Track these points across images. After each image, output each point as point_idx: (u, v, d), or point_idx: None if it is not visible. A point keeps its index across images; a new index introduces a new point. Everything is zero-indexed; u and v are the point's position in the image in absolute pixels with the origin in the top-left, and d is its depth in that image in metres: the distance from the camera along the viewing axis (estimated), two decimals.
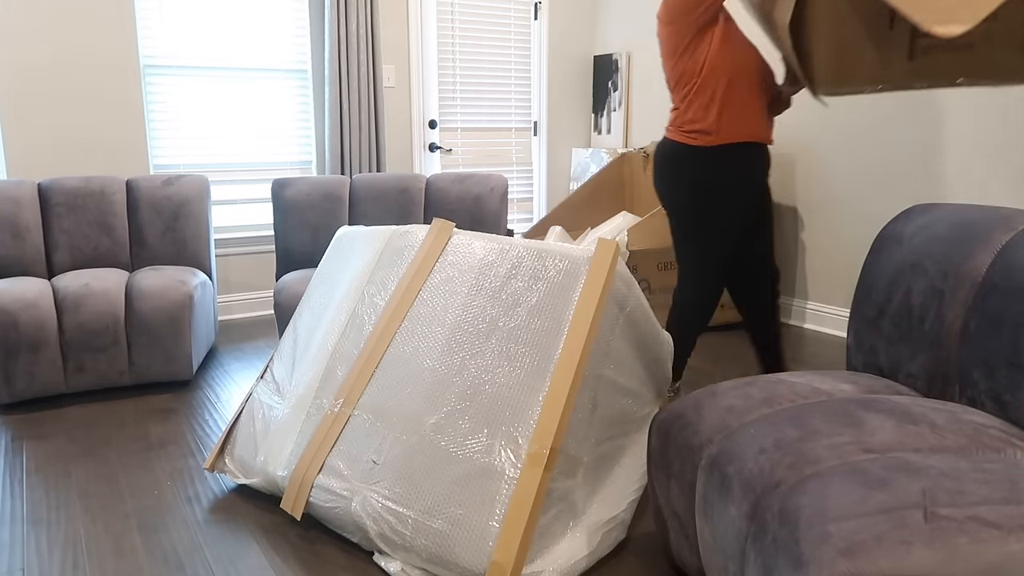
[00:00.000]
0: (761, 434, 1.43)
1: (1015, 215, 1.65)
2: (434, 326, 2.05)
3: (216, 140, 4.27)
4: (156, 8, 4.02)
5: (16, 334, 2.84)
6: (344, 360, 2.15)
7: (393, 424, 1.94)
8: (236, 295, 4.39)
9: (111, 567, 1.88)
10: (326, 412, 2.08)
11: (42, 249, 3.35)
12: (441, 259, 2.19)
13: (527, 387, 1.83)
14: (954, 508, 1.10)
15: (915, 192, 3.52)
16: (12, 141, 3.75)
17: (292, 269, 3.64)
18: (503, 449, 1.77)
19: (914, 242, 1.80)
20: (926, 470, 1.19)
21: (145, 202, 3.51)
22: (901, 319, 1.77)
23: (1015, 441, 1.37)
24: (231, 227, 4.38)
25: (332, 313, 2.29)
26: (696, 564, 1.64)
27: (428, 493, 1.78)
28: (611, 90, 5.12)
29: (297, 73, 4.41)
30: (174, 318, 3.06)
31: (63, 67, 3.80)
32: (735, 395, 1.65)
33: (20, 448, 2.58)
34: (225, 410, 2.93)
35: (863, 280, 1.92)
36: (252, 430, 2.24)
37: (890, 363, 1.80)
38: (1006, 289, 1.53)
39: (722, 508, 1.39)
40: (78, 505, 2.19)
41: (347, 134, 4.37)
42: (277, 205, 3.62)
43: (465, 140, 4.93)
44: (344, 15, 4.26)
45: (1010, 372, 1.48)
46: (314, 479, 1.98)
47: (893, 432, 1.36)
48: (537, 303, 1.94)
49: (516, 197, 5.22)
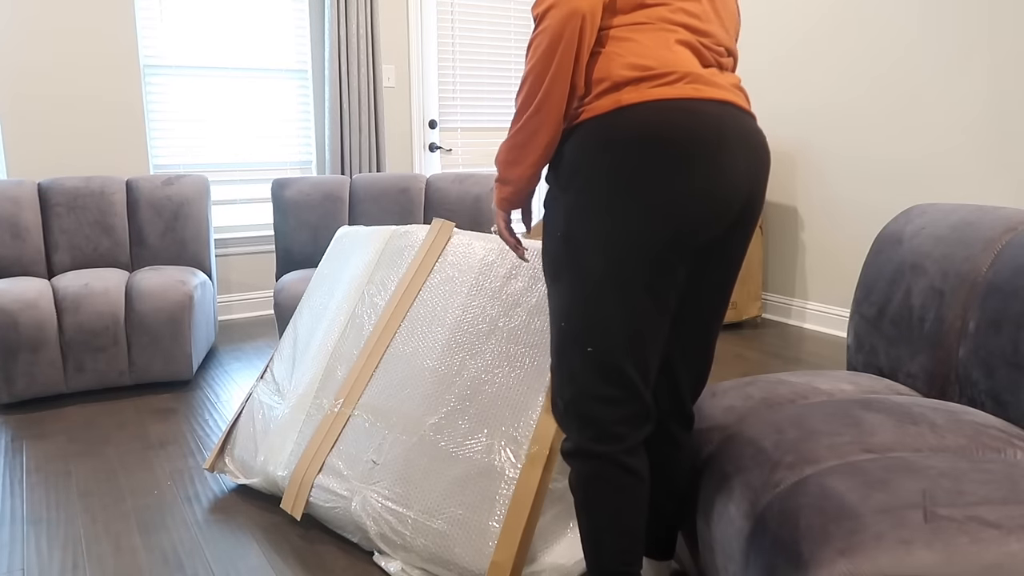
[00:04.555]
0: (761, 434, 1.43)
1: (1015, 215, 1.65)
2: (434, 326, 2.05)
3: (216, 140, 4.27)
4: (156, 8, 4.02)
5: (16, 334, 2.84)
6: (344, 360, 2.15)
7: (393, 424, 1.94)
8: (236, 295, 4.39)
9: (111, 567, 1.88)
10: (326, 412, 2.08)
11: (42, 249, 3.35)
12: (441, 259, 2.19)
13: (527, 387, 1.83)
14: (954, 508, 1.10)
15: (915, 192, 3.52)
16: (12, 141, 3.75)
17: (292, 269, 3.64)
18: (503, 449, 1.77)
19: (914, 242, 1.80)
20: (926, 470, 1.19)
21: (145, 202, 3.51)
22: (901, 319, 1.77)
23: (1015, 441, 1.36)
24: (231, 227, 4.38)
25: (332, 313, 2.29)
26: (696, 564, 1.64)
27: (428, 493, 1.78)
28: None
29: (297, 73, 4.41)
30: (174, 318, 3.06)
31: (63, 67, 3.80)
32: (735, 395, 1.65)
33: (20, 448, 2.58)
34: (225, 410, 2.93)
35: (863, 280, 1.92)
36: (252, 430, 2.24)
37: (890, 363, 1.80)
38: (1006, 289, 1.52)
39: (722, 508, 1.39)
40: (78, 505, 2.19)
41: (347, 134, 4.37)
42: (277, 205, 3.62)
43: (465, 140, 4.93)
44: (344, 15, 4.26)
45: (1010, 372, 1.48)
46: (314, 479, 1.98)
47: (893, 432, 1.36)
48: (537, 303, 1.94)
49: None
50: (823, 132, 3.88)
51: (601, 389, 1.28)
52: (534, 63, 1.23)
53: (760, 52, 4.15)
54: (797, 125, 4.00)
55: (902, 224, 1.88)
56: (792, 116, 4.02)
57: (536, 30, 1.23)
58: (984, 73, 3.20)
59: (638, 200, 1.19)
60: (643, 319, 1.25)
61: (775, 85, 4.08)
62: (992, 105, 3.20)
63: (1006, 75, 3.13)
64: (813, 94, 3.90)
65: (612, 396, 1.28)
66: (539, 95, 1.23)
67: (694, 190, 1.20)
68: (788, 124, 4.04)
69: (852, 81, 3.71)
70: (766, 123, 4.17)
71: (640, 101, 1.20)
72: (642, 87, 1.21)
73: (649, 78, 1.21)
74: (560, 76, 1.22)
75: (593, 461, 1.30)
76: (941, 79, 3.35)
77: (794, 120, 4.01)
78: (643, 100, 1.20)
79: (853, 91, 3.71)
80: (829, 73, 3.81)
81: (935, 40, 3.35)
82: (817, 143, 3.92)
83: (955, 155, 3.35)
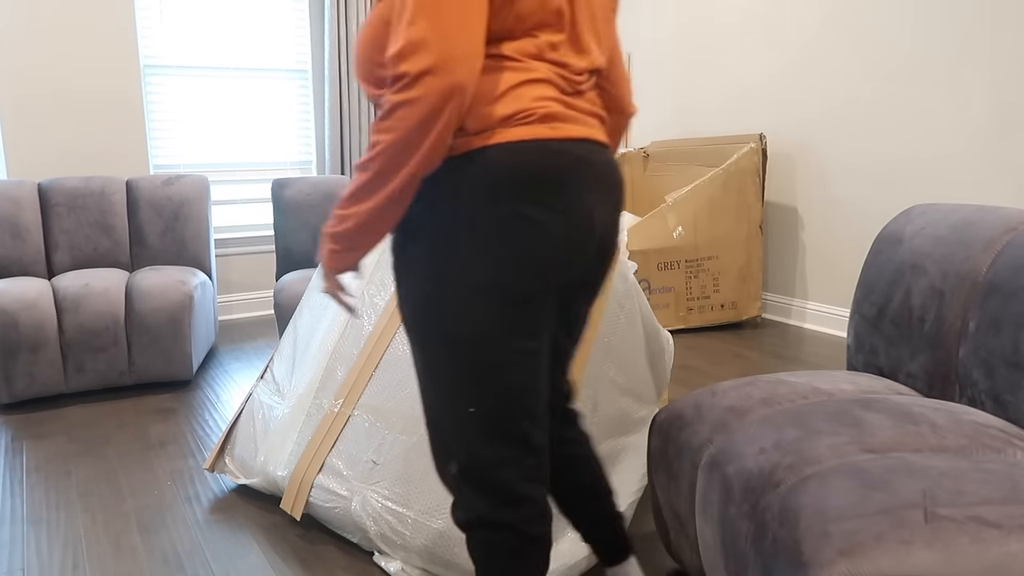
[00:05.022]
0: (761, 434, 1.43)
1: (1015, 215, 1.65)
2: None
3: (216, 140, 4.27)
4: (156, 8, 4.02)
5: (16, 334, 2.84)
6: (344, 360, 2.15)
7: (393, 424, 1.94)
8: (236, 295, 4.39)
9: (111, 567, 1.88)
10: (326, 412, 2.08)
11: (42, 249, 3.35)
12: None
13: None
14: (954, 508, 1.10)
15: (915, 192, 3.52)
16: (12, 141, 3.75)
17: (292, 269, 3.64)
18: None
19: (914, 242, 1.80)
20: (926, 470, 1.19)
21: (145, 202, 3.51)
22: (901, 319, 1.77)
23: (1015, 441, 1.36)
24: (231, 227, 4.38)
25: (332, 313, 2.29)
26: (696, 564, 1.64)
27: (428, 493, 1.78)
28: None
29: (297, 73, 4.41)
30: (174, 318, 3.06)
31: (63, 67, 3.80)
32: (735, 395, 1.65)
33: (20, 448, 2.58)
34: (225, 410, 2.93)
35: (863, 280, 1.92)
36: (252, 430, 2.24)
37: (890, 363, 1.80)
38: (1006, 289, 1.52)
39: (722, 508, 1.39)
40: (78, 505, 2.19)
41: (347, 134, 4.37)
42: (277, 205, 3.62)
43: None
44: (344, 15, 4.26)
45: (1010, 372, 1.48)
46: (314, 479, 1.98)
47: (893, 432, 1.36)
48: None
49: None
50: (823, 132, 3.88)
51: (496, 450, 1.15)
52: (398, 138, 1.02)
53: (761, 52, 4.15)
54: (797, 125, 4.00)
55: (902, 224, 1.88)
56: (792, 116, 4.02)
57: (401, 95, 1.00)
58: (984, 74, 3.20)
59: (496, 248, 1.09)
60: (523, 368, 1.15)
61: (776, 85, 4.08)
62: (992, 106, 3.20)
63: (1006, 76, 3.13)
64: (813, 94, 3.90)
65: (509, 455, 1.16)
66: (400, 178, 1.05)
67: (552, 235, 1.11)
68: (788, 124, 4.04)
69: (853, 81, 3.71)
70: (767, 123, 4.17)
71: (496, 143, 1.09)
72: (498, 129, 1.10)
73: (505, 120, 1.10)
74: (429, 160, 1.05)
75: (500, 531, 1.17)
76: (942, 80, 3.35)
77: (794, 120, 4.01)
78: (499, 142, 1.09)
79: (854, 91, 3.71)
80: (830, 73, 3.81)
81: (936, 41, 3.35)
82: (817, 144, 3.92)
83: (955, 155, 3.35)
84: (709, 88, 4.49)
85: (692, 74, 4.59)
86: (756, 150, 3.88)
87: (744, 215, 3.93)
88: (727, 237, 3.93)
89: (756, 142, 3.89)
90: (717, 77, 4.42)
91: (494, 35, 1.11)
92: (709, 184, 3.85)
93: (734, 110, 4.34)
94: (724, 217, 3.90)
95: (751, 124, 4.25)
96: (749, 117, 4.25)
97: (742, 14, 4.23)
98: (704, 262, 3.92)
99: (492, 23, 1.09)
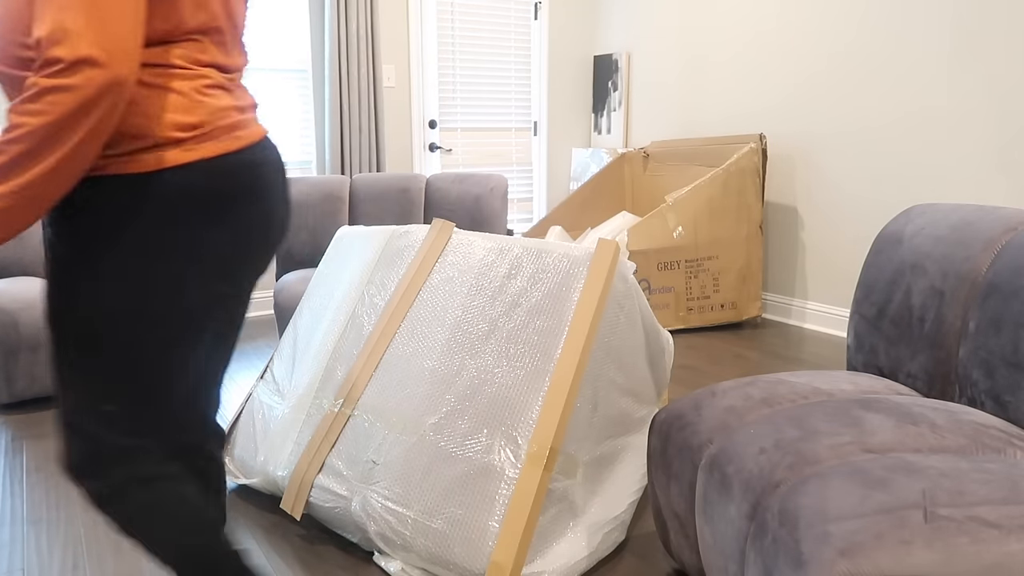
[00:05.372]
0: (761, 434, 1.43)
1: (1015, 215, 1.65)
2: (434, 326, 2.05)
3: None
4: None
5: (16, 334, 2.84)
6: (344, 360, 2.15)
7: (393, 424, 1.94)
8: None
9: (111, 567, 1.88)
10: (326, 412, 2.08)
11: (42, 249, 3.35)
12: (441, 259, 2.19)
13: (527, 387, 1.83)
14: (954, 508, 1.10)
15: (915, 192, 3.52)
16: None
17: (292, 269, 3.64)
18: (503, 449, 1.77)
19: (914, 242, 1.80)
20: (926, 470, 1.19)
21: None
22: (901, 319, 1.77)
23: (1015, 441, 1.37)
24: None
25: (332, 313, 2.29)
26: (696, 564, 1.64)
27: (428, 493, 1.78)
28: (611, 90, 5.12)
29: (297, 73, 4.41)
30: None
31: None
32: (735, 395, 1.65)
33: (20, 448, 2.58)
34: (225, 410, 2.93)
35: (863, 280, 1.92)
36: (252, 430, 2.24)
37: (890, 363, 1.80)
38: (1006, 289, 1.52)
39: (722, 508, 1.39)
40: (78, 505, 2.19)
41: (347, 134, 4.37)
42: None
43: (465, 140, 4.93)
44: (344, 15, 4.26)
45: (1010, 372, 1.48)
46: (314, 479, 1.98)
47: (893, 432, 1.36)
48: (537, 303, 1.94)
49: (516, 197, 5.22)
50: (823, 132, 3.88)
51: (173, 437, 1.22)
52: (48, 122, 0.93)
53: (762, 52, 4.15)
54: (797, 125, 4.00)
55: (902, 224, 1.88)
56: (792, 116, 4.02)
57: (55, 80, 0.92)
58: (984, 74, 3.20)
59: (190, 261, 1.10)
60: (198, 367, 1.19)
61: (776, 85, 4.08)
62: (992, 106, 3.20)
63: (1006, 75, 3.13)
64: (813, 94, 3.90)
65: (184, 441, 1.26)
66: (43, 167, 0.96)
67: (249, 243, 1.15)
68: (788, 124, 4.04)
69: (853, 81, 3.71)
70: (767, 123, 4.17)
71: (186, 162, 1.08)
72: (186, 145, 1.08)
73: (191, 137, 1.09)
74: (76, 155, 0.97)
75: (152, 485, 1.19)
76: (942, 80, 3.35)
77: (794, 120, 4.01)
78: (188, 161, 1.08)
79: (853, 91, 3.71)
80: (830, 74, 3.81)
81: (936, 42, 3.35)
82: (817, 143, 3.92)
83: (955, 155, 3.35)
84: (709, 88, 4.49)
85: (692, 74, 4.59)
86: (756, 150, 3.88)
87: (744, 215, 3.93)
88: (727, 237, 3.93)
89: (756, 142, 3.89)
90: (717, 77, 4.42)
91: (158, 37, 1.07)
92: (709, 184, 3.85)
93: (734, 110, 4.34)
94: (724, 217, 3.90)
95: (751, 124, 4.25)
96: (749, 117, 4.26)
97: (742, 15, 4.23)
98: (704, 262, 3.92)
99: (155, 23, 1.05)
